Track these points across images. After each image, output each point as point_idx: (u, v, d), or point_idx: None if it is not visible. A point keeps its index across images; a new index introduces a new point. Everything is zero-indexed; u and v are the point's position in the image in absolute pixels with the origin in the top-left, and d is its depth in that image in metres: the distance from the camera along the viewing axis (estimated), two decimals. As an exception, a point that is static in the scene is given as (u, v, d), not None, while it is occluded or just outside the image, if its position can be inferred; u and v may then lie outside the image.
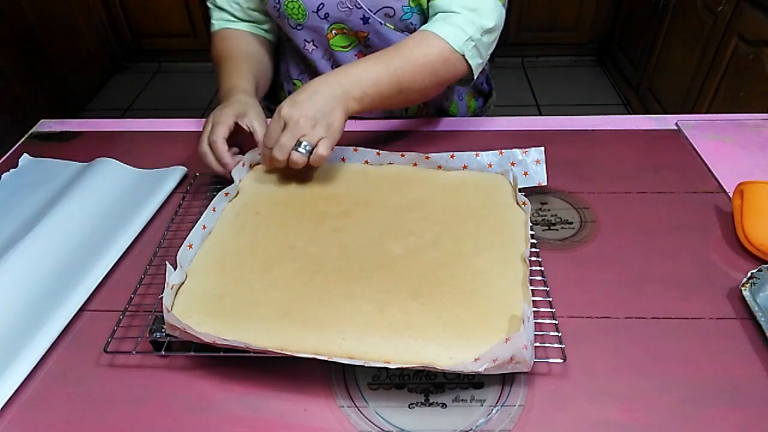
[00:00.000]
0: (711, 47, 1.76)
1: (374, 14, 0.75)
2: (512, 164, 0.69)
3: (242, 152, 0.70)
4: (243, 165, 0.68)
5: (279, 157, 0.62)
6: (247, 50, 0.83)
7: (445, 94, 0.90)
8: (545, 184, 0.67)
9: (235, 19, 0.85)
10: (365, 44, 0.80)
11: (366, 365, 0.46)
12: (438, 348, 0.47)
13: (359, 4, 0.74)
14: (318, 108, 0.62)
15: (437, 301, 0.52)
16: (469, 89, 0.94)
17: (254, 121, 0.69)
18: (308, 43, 0.81)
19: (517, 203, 0.64)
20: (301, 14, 0.77)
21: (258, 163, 0.70)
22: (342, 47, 0.80)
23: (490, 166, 0.69)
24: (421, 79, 0.69)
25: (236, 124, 0.68)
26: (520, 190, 0.65)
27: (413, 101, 0.75)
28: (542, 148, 0.68)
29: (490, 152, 0.69)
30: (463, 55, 0.69)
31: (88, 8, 2.62)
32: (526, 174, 0.68)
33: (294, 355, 0.46)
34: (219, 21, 0.85)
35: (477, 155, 0.70)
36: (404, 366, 0.45)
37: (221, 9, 0.85)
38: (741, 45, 1.62)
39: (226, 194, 0.64)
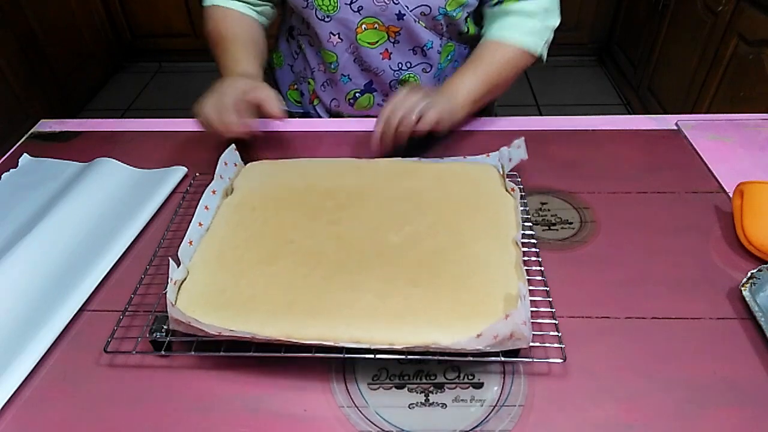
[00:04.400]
0: (711, 47, 1.76)
1: (410, 11, 0.76)
2: (500, 160, 0.71)
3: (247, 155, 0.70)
4: (226, 164, 0.69)
5: (400, 111, 0.66)
6: (251, 35, 0.82)
7: None
8: (526, 158, 0.68)
9: None
10: (395, 41, 0.80)
11: (372, 347, 0.47)
12: (440, 329, 0.48)
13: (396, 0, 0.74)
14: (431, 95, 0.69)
15: (436, 286, 0.53)
16: None
17: (260, 92, 0.68)
18: (333, 35, 0.80)
19: (507, 190, 0.65)
20: (333, 6, 0.76)
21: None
22: (370, 43, 0.80)
23: (476, 163, 0.71)
24: (504, 79, 0.78)
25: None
26: (507, 176, 0.67)
27: (497, 97, 0.85)
28: (522, 138, 0.69)
29: (477, 156, 0.72)
30: (541, 57, 0.81)
31: (88, 8, 2.62)
32: (510, 160, 0.69)
33: (300, 342, 0.47)
34: None
35: (464, 158, 0.72)
36: (409, 347, 0.46)
37: None
38: (741, 45, 1.62)
39: (213, 192, 0.65)
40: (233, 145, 0.71)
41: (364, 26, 0.78)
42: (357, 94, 0.86)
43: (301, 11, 0.79)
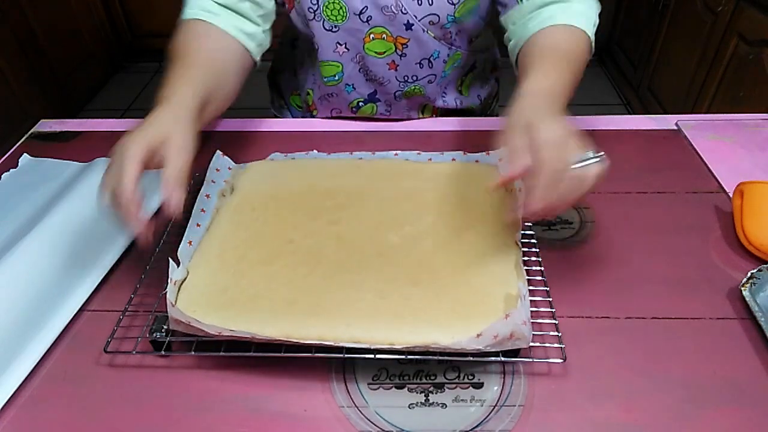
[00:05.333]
0: (711, 47, 1.76)
1: (419, 21, 0.74)
2: (500, 160, 0.70)
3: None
4: (218, 171, 0.64)
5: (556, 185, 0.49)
6: (209, 54, 0.66)
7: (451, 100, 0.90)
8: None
9: (217, 9, 0.70)
10: (402, 54, 0.78)
11: (372, 347, 0.47)
12: (441, 329, 0.48)
13: (405, 9, 0.72)
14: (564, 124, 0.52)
15: (436, 286, 0.53)
16: (486, 91, 0.96)
17: (170, 152, 0.51)
18: (340, 45, 0.78)
19: (507, 190, 0.65)
20: (341, 16, 0.74)
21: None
22: (377, 53, 0.78)
23: (477, 162, 0.71)
24: (580, 71, 0.65)
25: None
26: None
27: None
28: None
29: (477, 154, 0.72)
30: (591, 41, 0.70)
31: (88, 8, 2.62)
32: None
33: (300, 342, 0.47)
34: (193, 10, 0.70)
35: (464, 153, 0.72)
36: (409, 347, 0.46)
37: None
38: (741, 45, 1.62)
39: (207, 196, 0.64)
40: (219, 151, 0.70)
41: (372, 36, 0.76)
42: (360, 103, 0.86)
43: (307, 23, 0.77)
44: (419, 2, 0.73)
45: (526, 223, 0.63)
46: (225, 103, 0.70)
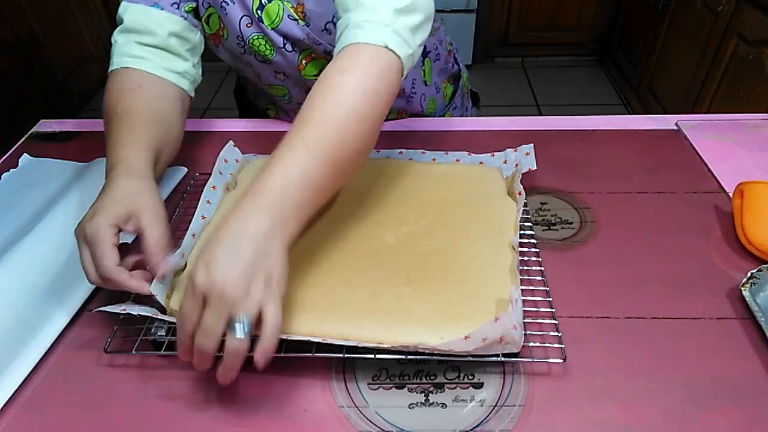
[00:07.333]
0: (711, 47, 1.76)
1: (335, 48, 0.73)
2: (504, 162, 0.70)
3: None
4: (226, 161, 0.67)
5: (208, 348, 0.43)
6: (150, 106, 0.64)
7: (418, 96, 0.86)
8: (535, 168, 0.67)
9: (145, 52, 0.68)
10: None
11: (359, 345, 0.47)
12: (430, 330, 0.48)
13: (318, 41, 0.72)
14: (246, 259, 0.43)
15: (429, 287, 0.53)
16: (444, 77, 0.92)
17: (146, 222, 0.52)
18: (279, 74, 0.78)
19: (510, 194, 0.65)
20: (269, 50, 0.74)
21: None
22: (314, 75, 0.77)
23: (481, 163, 0.71)
24: (352, 138, 0.51)
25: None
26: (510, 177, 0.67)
27: (359, 167, 0.55)
28: (531, 144, 0.69)
29: (482, 155, 0.72)
30: (387, 46, 0.54)
31: (88, 8, 2.62)
32: (517, 165, 0.69)
33: (290, 338, 0.47)
34: (121, 59, 0.67)
35: (469, 154, 0.72)
36: (396, 347, 0.46)
37: (130, 32, 0.68)
38: (741, 45, 1.62)
39: (213, 187, 0.64)
40: (231, 141, 0.71)
41: (304, 62, 0.75)
42: None
43: (240, 58, 0.76)
44: (326, 30, 0.71)
45: (527, 224, 0.63)
46: (175, 148, 0.69)
